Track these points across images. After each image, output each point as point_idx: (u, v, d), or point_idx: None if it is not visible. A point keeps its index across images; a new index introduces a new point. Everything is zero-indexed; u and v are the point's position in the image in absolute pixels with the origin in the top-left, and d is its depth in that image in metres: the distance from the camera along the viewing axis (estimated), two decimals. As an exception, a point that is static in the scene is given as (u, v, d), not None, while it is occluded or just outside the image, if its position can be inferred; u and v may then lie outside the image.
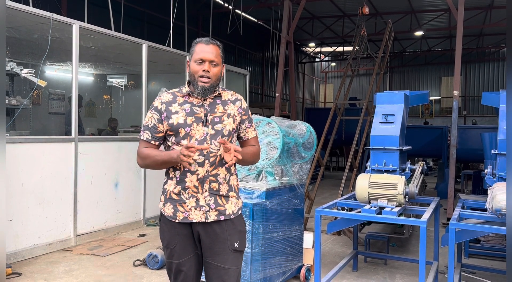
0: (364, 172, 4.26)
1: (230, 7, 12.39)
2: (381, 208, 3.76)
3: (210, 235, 2.31)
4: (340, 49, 22.66)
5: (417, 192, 4.00)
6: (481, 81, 23.82)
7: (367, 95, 8.28)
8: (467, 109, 23.75)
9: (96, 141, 6.24)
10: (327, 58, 25.31)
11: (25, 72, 5.29)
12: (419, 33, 17.90)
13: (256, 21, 17.57)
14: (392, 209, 3.69)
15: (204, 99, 2.33)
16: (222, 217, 2.32)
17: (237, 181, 2.47)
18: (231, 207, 2.36)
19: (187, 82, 2.37)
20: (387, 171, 4.38)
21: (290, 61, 10.00)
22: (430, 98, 23.41)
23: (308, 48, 23.53)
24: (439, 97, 24.68)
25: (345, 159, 16.97)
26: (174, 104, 2.32)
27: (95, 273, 4.57)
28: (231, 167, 2.38)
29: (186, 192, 2.29)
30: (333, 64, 26.64)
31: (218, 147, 2.29)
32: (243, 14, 14.56)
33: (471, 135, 9.75)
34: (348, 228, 5.90)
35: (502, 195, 3.29)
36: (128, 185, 6.48)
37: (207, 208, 2.29)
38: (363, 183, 3.85)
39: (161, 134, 2.34)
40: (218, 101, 2.37)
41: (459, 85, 7.72)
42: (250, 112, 2.55)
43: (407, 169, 4.72)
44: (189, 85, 2.36)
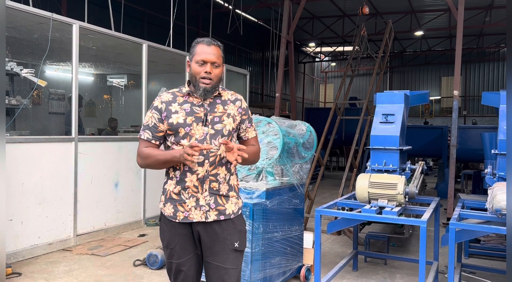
0: (364, 172, 4.26)
1: (230, 7, 12.39)
2: (381, 208, 3.76)
3: (210, 235, 2.31)
4: (340, 49, 22.66)
5: (417, 192, 4.00)
6: (481, 81, 23.82)
7: (367, 95, 8.28)
8: (467, 109, 23.76)
9: (96, 141, 6.24)
10: (327, 58, 25.31)
11: (25, 72, 5.29)
12: (419, 33, 17.91)
13: (256, 21, 17.57)
14: (392, 209, 3.69)
15: (204, 99, 2.33)
16: (222, 217, 2.31)
17: (237, 181, 2.47)
18: (231, 207, 2.36)
19: (187, 82, 2.37)
20: (387, 171, 4.38)
21: (290, 61, 9.99)
22: (430, 98, 23.41)
23: (308, 48, 23.54)
24: (439, 97, 24.70)
25: (345, 159, 16.96)
26: (174, 104, 2.32)
27: (95, 273, 4.57)
28: (231, 167, 2.38)
29: (186, 192, 2.29)
30: (333, 64, 26.65)
31: (218, 147, 2.29)
32: (243, 14, 14.57)
33: (471, 135, 9.76)
34: (348, 228, 5.90)
35: (502, 195, 3.29)
36: (128, 185, 6.48)
37: (207, 208, 2.29)
38: (363, 183, 3.85)
39: (162, 133, 2.34)
40: (218, 101, 2.37)
41: (459, 85, 7.72)
42: (250, 112, 2.55)
43: (407, 169, 4.72)
44: (189, 85, 2.36)
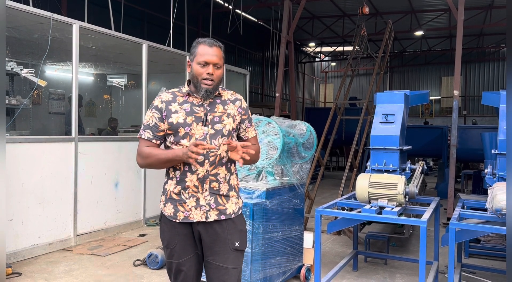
0: (364, 172, 4.26)
1: (230, 7, 12.38)
2: (381, 208, 3.75)
3: (211, 235, 2.31)
4: (340, 49, 22.66)
5: (417, 192, 3.99)
6: (481, 81, 23.82)
7: (367, 95, 8.28)
8: (467, 109, 23.75)
9: (96, 141, 6.24)
10: (327, 58, 25.31)
11: (25, 72, 5.29)
12: (419, 33, 17.90)
13: (256, 21, 17.57)
14: (392, 209, 3.69)
15: (205, 99, 2.33)
16: (223, 217, 2.31)
17: (237, 181, 2.47)
18: (232, 207, 2.35)
19: (187, 81, 2.37)
20: (387, 171, 4.38)
21: (290, 61, 9.99)
22: (430, 98, 23.41)
23: (308, 48, 23.53)
24: (439, 97, 24.69)
25: (345, 159, 16.96)
26: (174, 103, 2.32)
27: (95, 273, 4.57)
28: (231, 166, 2.38)
29: (186, 192, 2.29)
30: (333, 64, 26.65)
31: (218, 147, 2.29)
32: (243, 14, 14.56)
33: (471, 135, 9.75)
34: (348, 228, 5.90)
35: (502, 195, 3.29)
36: (128, 185, 6.48)
37: (208, 208, 2.29)
38: (363, 183, 3.85)
39: (162, 133, 2.33)
40: (218, 101, 2.36)
41: (459, 85, 7.72)
42: (250, 112, 2.55)
43: (407, 169, 4.72)
44: (189, 84, 2.36)
